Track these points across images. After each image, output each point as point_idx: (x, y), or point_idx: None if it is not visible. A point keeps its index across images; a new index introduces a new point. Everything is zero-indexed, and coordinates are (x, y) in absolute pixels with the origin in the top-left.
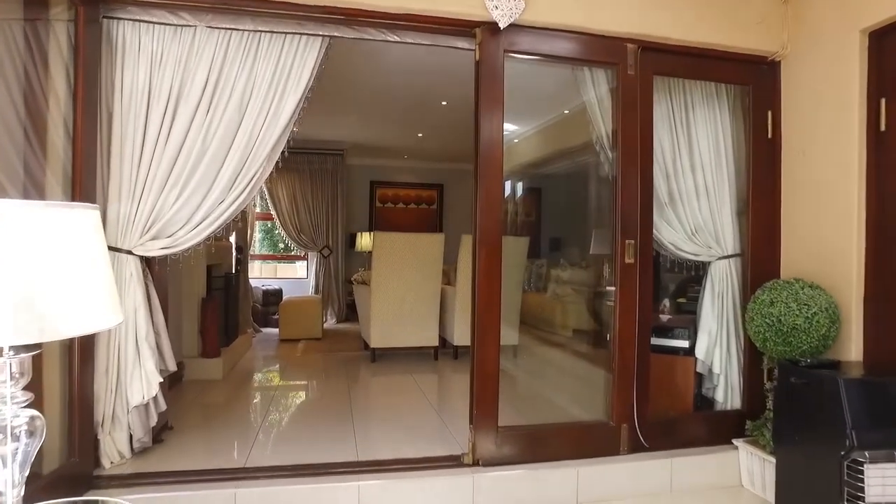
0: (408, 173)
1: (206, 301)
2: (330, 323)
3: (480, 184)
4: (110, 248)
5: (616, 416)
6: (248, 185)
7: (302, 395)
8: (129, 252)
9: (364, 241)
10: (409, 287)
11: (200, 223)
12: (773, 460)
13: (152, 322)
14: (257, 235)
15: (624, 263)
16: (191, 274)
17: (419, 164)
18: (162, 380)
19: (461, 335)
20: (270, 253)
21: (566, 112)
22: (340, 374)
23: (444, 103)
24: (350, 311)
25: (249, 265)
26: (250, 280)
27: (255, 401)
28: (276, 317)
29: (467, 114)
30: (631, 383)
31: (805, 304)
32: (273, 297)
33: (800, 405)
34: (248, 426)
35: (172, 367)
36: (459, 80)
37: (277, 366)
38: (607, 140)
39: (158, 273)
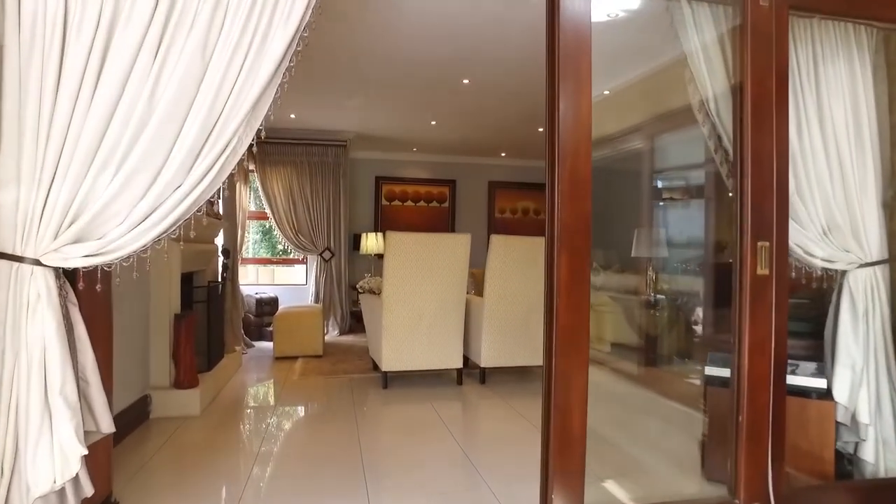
0: (417, 168)
1: (181, 318)
2: (332, 335)
3: (562, 161)
4: (2, 256)
5: (744, 491)
6: (216, 162)
7: (298, 438)
8: (36, 262)
9: (370, 242)
10: (428, 298)
11: (146, 218)
12: None
13: (75, 365)
14: (253, 236)
15: (755, 275)
16: (161, 285)
17: (430, 157)
18: (86, 451)
19: (490, 356)
20: (267, 256)
21: (606, 93)
22: (346, 405)
23: (465, 81)
24: (355, 322)
25: (242, 271)
26: (241, 287)
27: (235, 451)
28: (270, 329)
29: (491, 93)
30: (764, 443)
31: None
32: (268, 306)
33: None
34: (222, 497)
35: (107, 426)
36: (489, 49)
37: (269, 394)
38: (715, 104)
39: (91, 290)
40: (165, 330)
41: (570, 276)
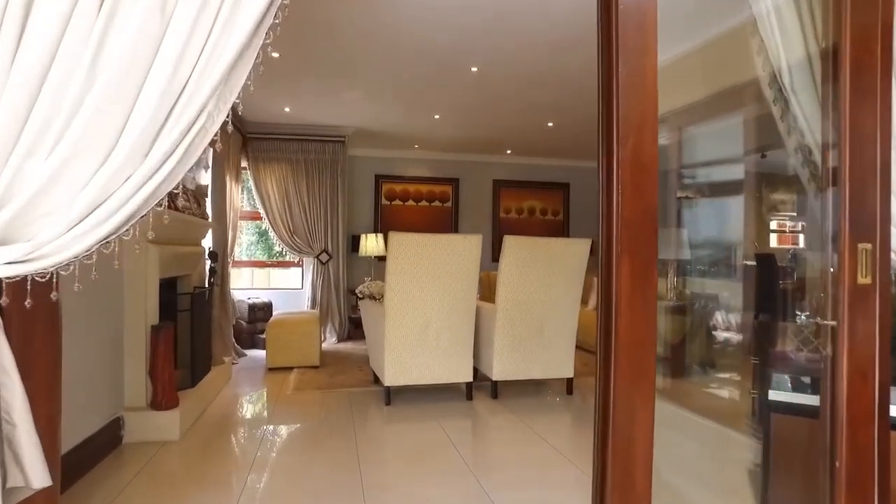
0: (418, 166)
1: (158, 330)
2: (329, 342)
3: (622, 141)
4: None
5: None
6: (179, 144)
7: (291, 466)
8: None
9: (369, 244)
10: (435, 305)
11: (89, 214)
12: None
13: None
14: (248, 238)
15: (855, 285)
16: (136, 293)
17: (432, 155)
18: None
19: (503, 368)
20: (262, 259)
21: None
22: (345, 425)
23: (474, 70)
24: (353, 328)
25: (235, 274)
26: (233, 292)
27: (218, 482)
28: (264, 336)
29: (501, 83)
30: (870, 493)
31: None
32: (261, 312)
33: None
34: None
35: (39, 481)
36: (501, 32)
37: (260, 413)
38: (790, 77)
39: (22, 306)
40: (141, 343)
41: (633, 284)
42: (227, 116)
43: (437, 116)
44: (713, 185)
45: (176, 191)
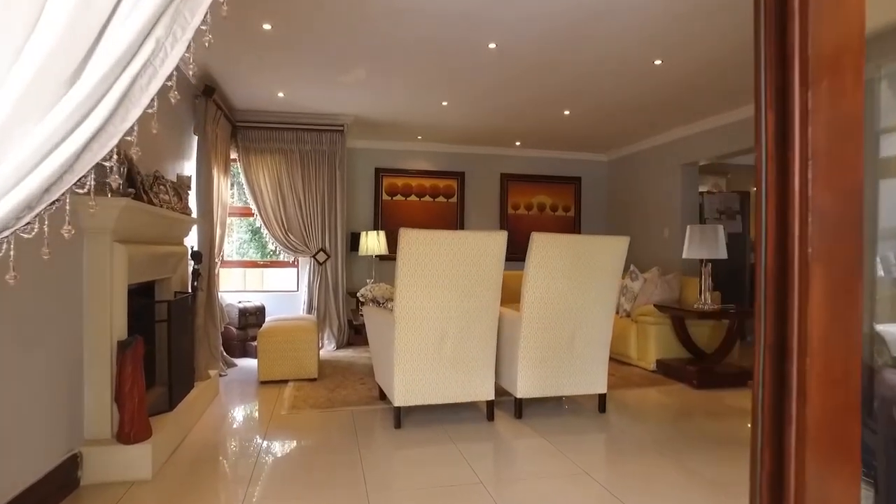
0: (421, 159)
1: (126, 346)
2: (328, 349)
3: (814, 80)
4: None
5: None
6: (112, 86)
7: None
8: None
9: (370, 242)
10: (453, 313)
11: None
12: None
13: None
14: (242, 235)
15: None
16: (99, 302)
17: (436, 147)
18: None
19: (528, 385)
20: (254, 259)
21: (658, 64)
22: (350, 456)
23: (492, 46)
24: (353, 333)
25: (225, 275)
26: (222, 295)
27: None
28: (256, 343)
29: (519, 62)
30: None
31: None
32: (253, 316)
33: None
34: None
35: None
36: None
37: (248, 441)
38: None
39: None
40: (106, 362)
41: (831, 309)
42: (188, 51)
43: (444, 103)
44: None
45: (107, 163)
